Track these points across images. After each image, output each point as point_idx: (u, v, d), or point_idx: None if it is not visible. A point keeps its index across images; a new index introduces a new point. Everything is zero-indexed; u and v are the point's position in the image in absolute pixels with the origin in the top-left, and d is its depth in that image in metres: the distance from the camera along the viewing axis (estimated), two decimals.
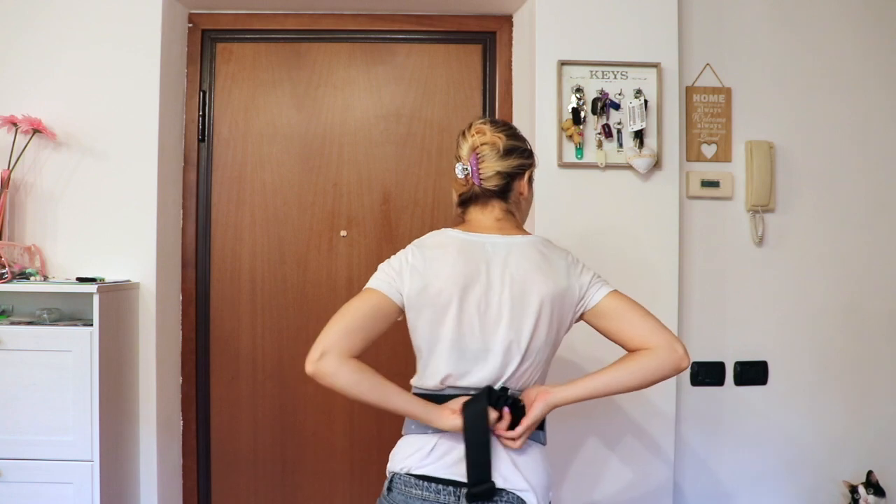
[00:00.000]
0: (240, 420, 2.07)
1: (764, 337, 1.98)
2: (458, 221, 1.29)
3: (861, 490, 1.90)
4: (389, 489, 1.20)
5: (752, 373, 1.97)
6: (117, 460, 1.74)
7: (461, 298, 1.16)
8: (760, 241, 1.97)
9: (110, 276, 1.82)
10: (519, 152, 1.26)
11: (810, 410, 2.00)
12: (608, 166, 1.85)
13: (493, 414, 1.15)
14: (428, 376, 1.21)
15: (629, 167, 1.85)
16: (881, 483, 1.91)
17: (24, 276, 1.73)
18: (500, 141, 1.22)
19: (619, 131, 1.86)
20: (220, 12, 2.05)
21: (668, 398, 1.87)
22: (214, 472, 2.07)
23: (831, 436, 2.00)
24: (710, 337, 1.96)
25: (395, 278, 1.19)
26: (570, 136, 1.84)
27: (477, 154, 1.22)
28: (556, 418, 1.82)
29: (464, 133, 1.26)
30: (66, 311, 1.77)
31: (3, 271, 1.67)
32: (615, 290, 1.24)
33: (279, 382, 2.06)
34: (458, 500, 1.14)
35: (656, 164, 1.85)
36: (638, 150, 1.84)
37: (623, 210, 1.86)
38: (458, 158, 1.25)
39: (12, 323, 1.68)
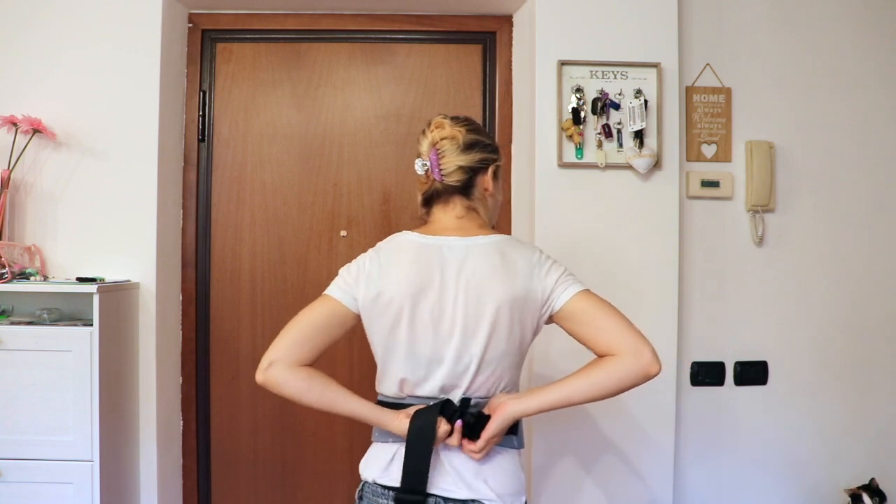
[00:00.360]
0: (240, 420, 2.07)
1: (764, 337, 1.98)
2: (421, 223, 1.26)
3: (866, 498, 1.88)
4: (360, 497, 1.21)
5: (752, 373, 1.97)
6: (117, 460, 1.74)
7: (413, 306, 1.14)
8: (760, 241, 1.97)
9: (110, 276, 1.82)
10: (481, 146, 1.22)
11: (810, 411, 2.00)
12: (608, 166, 1.85)
13: (444, 427, 1.13)
14: (386, 383, 1.20)
15: (629, 167, 1.85)
16: (881, 486, 1.91)
17: (24, 276, 1.73)
18: (461, 135, 1.19)
19: (619, 131, 1.86)
20: (220, 12, 2.05)
21: (668, 398, 1.87)
22: (214, 472, 2.07)
23: (831, 436, 2.00)
24: (710, 337, 1.96)
25: (351, 285, 1.19)
26: (570, 136, 1.84)
27: (437, 149, 1.19)
28: (554, 419, 1.82)
29: (423, 130, 1.23)
30: (66, 311, 1.77)
31: (3, 271, 1.67)
32: (584, 290, 1.17)
33: None
34: None
35: (656, 164, 1.85)
36: (638, 150, 1.84)
37: (623, 210, 1.86)
38: (419, 155, 1.22)
39: (12, 323, 1.68)
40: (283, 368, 1.13)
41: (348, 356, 2.05)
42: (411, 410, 1.15)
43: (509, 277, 1.14)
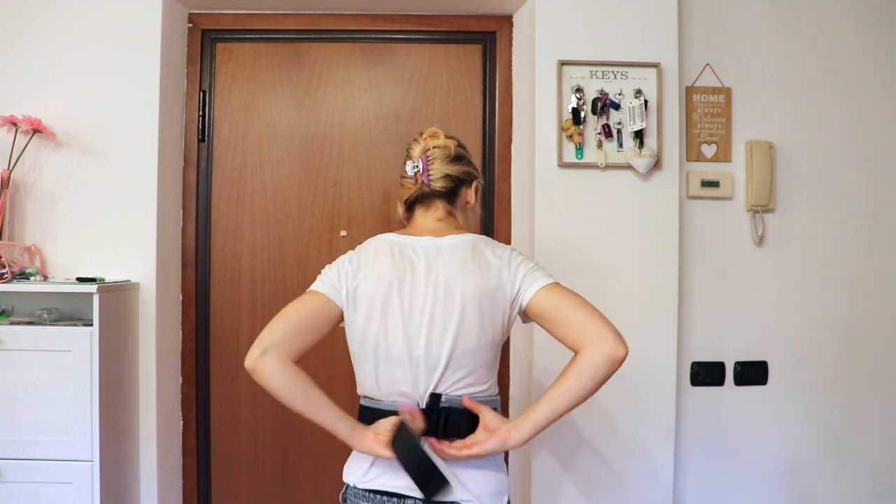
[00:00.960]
0: (240, 420, 2.07)
1: (764, 337, 1.98)
2: (400, 227, 1.31)
3: None
4: (344, 500, 1.24)
5: (752, 373, 1.97)
6: (117, 460, 1.74)
7: (386, 303, 1.17)
8: (760, 241, 1.97)
9: (110, 276, 1.82)
10: (466, 161, 1.30)
11: (810, 411, 1.99)
12: (608, 166, 1.85)
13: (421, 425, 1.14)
14: (361, 383, 1.23)
15: (629, 167, 1.85)
16: (879, 484, 1.91)
17: (24, 276, 1.73)
18: (452, 145, 1.27)
19: (619, 131, 1.86)
20: (220, 12, 2.05)
21: (668, 398, 1.87)
22: (214, 472, 2.07)
23: (831, 436, 2.00)
24: (710, 337, 1.96)
25: (335, 281, 1.22)
26: (570, 136, 1.84)
27: (427, 156, 1.25)
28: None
29: (416, 138, 1.29)
30: (66, 311, 1.77)
31: (3, 271, 1.67)
32: (550, 284, 1.18)
33: None
34: None
35: (656, 164, 1.85)
36: (638, 150, 1.84)
37: (623, 210, 1.86)
38: (409, 158, 1.28)
39: (12, 323, 1.68)
40: (276, 360, 1.12)
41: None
42: (379, 428, 1.15)
43: (478, 273, 1.17)
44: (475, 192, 1.32)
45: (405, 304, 1.16)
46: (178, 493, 2.03)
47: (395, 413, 1.16)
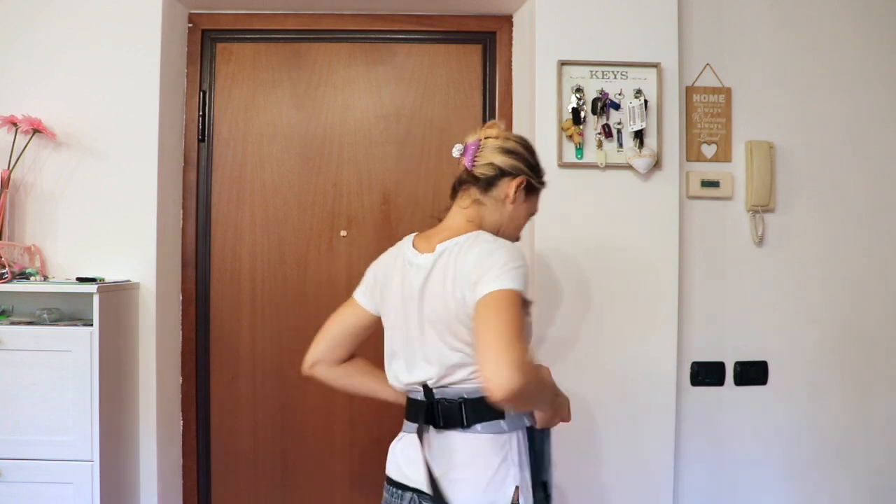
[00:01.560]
0: (240, 420, 2.07)
1: (764, 337, 1.98)
2: (437, 222, 1.32)
3: None
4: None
5: (752, 373, 1.97)
6: (117, 460, 1.74)
7: (395, 319, 1.26)
8: (760, 241, 1.96)
9: (110, 276, 1.82)
10: (521, 158, 1.25)
11: (810, 411, 1.99)
12: (608, 166, 1.85)
13: None
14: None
15: (629, 167, 1.85)
16: (880, 484, 1.91)
17: (24, 276, 1.73)
18: (509, 140, 1.25)
19: (619, 131, 1.86)
20: (220, 12, 2.05)
21: (668, 398, 1.87)
22: (214, 472, 2.07)
23: (831, 436, 2.00)
24: (710, 337, 1.96)
25: (372, 285, 1.34)
26: (570, 136, 1.84)
27: (479, 143, 1.25)
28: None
29: (477, 129, 1.30)
30: (66, 311, 1.77)
31: (3, 271, 1.67)
32: (492, 292, 1.06)
33: (279, 382, 2.06)
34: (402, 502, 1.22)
35: (656, 164, 1.85)
36: (638, 150, 1.84)
37: (623, 210, 1.86)
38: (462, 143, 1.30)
39: (12, 323, 1.68)
40: (325, 369, 1.36)
41: None
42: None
43: (450, 291, 1.14)
44: (519, 187, 1.23)
45: (410, 320, 1.23)
46: (178, 493, 2.03)
47: (417, 402, 1.24)
